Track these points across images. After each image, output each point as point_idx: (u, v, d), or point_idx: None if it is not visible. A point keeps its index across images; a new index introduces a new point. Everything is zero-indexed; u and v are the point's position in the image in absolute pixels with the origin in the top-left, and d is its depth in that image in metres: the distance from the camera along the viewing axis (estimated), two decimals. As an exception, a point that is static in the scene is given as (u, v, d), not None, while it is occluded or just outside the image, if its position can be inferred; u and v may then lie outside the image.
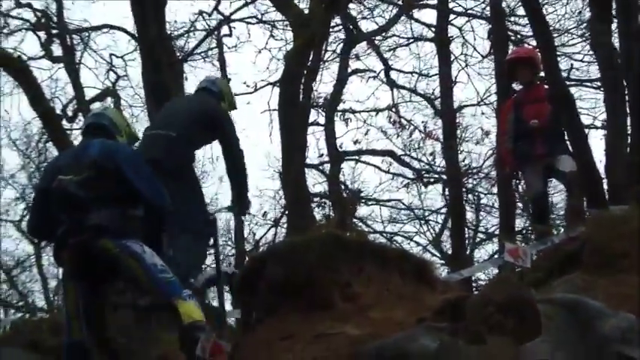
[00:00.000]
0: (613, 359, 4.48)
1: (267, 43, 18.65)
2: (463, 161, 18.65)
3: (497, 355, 4.57)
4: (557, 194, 14.08)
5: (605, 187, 10.44)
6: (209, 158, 18.63)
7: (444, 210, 20.42)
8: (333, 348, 5.25)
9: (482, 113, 18.88)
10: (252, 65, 23.69)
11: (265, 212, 20.44)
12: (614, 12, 9.69)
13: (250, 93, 19.06)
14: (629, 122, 10.34)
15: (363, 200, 21.19)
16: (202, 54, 18.88)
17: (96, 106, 17.97)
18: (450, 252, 17.83)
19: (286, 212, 16.69)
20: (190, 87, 15.09)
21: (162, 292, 5.46)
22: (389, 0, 17.67)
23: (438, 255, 20.38)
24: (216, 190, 23.42)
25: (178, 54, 17.09)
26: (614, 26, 9.62)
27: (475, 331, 4.69)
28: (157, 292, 5.53)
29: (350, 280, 5.99)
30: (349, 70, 18.90)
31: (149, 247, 5.51)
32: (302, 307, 5.88)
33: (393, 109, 19.84)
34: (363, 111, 19.95)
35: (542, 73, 9.01)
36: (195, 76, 17.56)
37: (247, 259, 12.04)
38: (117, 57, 19.85)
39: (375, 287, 5.99)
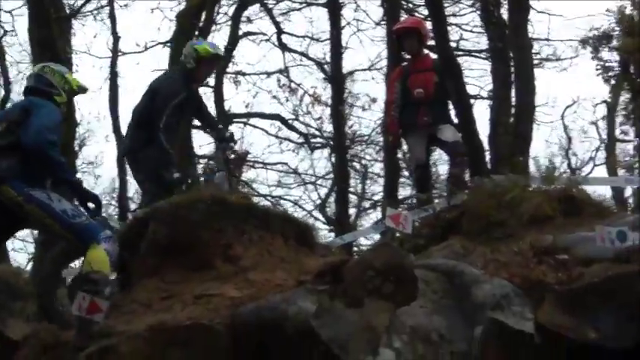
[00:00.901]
0: (488, 324, 4.61)
1: (159, 3, 18.49)
2: (351, 127, 18.95)
3: (374, 319, 4.62)
4: (443, 163, 14.43)
5: (488, 156, 10.75)
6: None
7: (330, 176, 20.65)
8: (212, 308, 5.21)
9: (373, 78, 18.91)
10: (143, 25, 23.45)
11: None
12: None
13: (140, 52, 18.91)
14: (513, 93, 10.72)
15: (250, 163, 21.24)
16: (93, 11, 18.44)
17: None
18: (334, 216, 18.09)
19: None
20: (79, 44, 14.76)
21: (79, 238, 5.43)
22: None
23: (323, 220, 20.61)
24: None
25: (67, 10, 16.61)
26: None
27: (354, 295, 4.75)
28: (73, 237, 5.48)
29: (232, 242, 5.95)
30: (240, 32, 18.86)
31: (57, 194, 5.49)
32: (183, 268, 5.82)
33: (284, 73, 19.94)
34: (253, 74, 20.01)
35: (432, 42, 9.11)
36: (84, 33, 17.19)
37: (130, 218, 11.90)
38: (5, 12, 19.02)
39: (257, 249, 5.97)
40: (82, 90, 6.30)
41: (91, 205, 5.62)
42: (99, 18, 18.42)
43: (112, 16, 18.50)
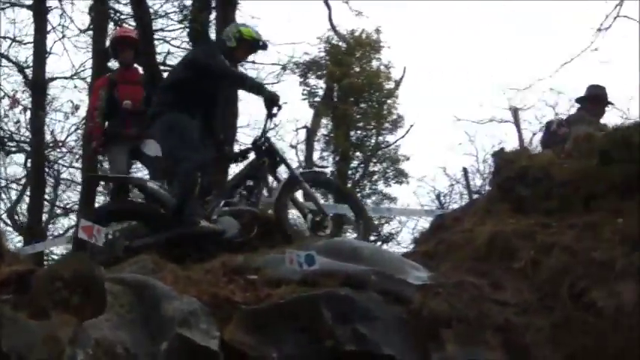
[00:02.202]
0: (174, 340, 4.70)
1: None
2: (52, 133, 18.47)
3: (59, 330, 4.54)
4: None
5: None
6: None
7: (22, 181, 20.10)
8: None
9: (75, 86, 18.48)
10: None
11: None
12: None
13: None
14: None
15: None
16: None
17: None
18: (25, 223, 17.52)
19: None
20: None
21: None
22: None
23: (11, 225, 19.94)
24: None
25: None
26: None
27: (40, 305, 4.69)
28: None
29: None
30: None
31: None
32: None
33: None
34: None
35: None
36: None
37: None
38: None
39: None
40: None
41: None
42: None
43: None
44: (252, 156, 7.63)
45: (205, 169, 7.39)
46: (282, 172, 7.61)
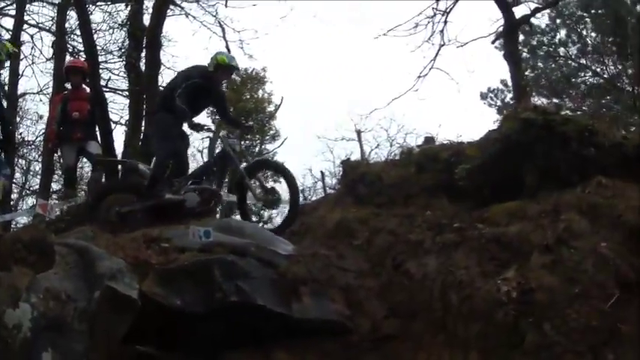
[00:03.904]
0: (106, 290, 5.38)
1: None
2: (20, 135, 19.62)
3: (18, 281, 5.18)
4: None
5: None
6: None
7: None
8: None
9: (40, 100, 20.94)
10: None
11: None
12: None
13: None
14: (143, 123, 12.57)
15: None
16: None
17: None
18: None
19: None
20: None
21: None
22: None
23: None
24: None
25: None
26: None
27: (4, 261, 5.32)
28: None
29: None
30: None
31: None
32: None
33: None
34: None
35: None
36: None
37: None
38: None
39: None
40: None
41: None
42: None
43: None
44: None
45: (179, 156, 8.16)
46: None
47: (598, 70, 27.55)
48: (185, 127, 8.13)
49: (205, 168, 8.28)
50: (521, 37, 23.04)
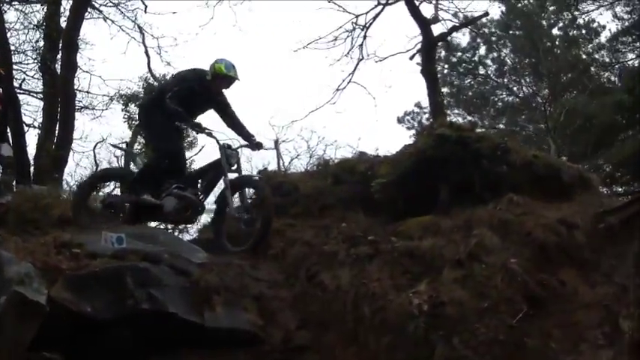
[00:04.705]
0: (13, 295, 5.34)
1: None
2: None
3: None
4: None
5: (32, 170, 12.15)
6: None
7: None
8: None
9: None
10: None
11: None
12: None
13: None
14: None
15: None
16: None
17: None
18: None
19: None
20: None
21: None
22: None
23: None
24: None
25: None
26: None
27: None
28: None
29: None
30: None
31: None
32: None
33: None
34: None
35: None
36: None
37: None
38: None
39: None
40: None
41: None
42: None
43: None
44: None
45: (177, 156, 7.95)
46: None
47: (515, 88, 28.42)
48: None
49: (200, 173, 8.17)
50: (442, 54, 23.74)
